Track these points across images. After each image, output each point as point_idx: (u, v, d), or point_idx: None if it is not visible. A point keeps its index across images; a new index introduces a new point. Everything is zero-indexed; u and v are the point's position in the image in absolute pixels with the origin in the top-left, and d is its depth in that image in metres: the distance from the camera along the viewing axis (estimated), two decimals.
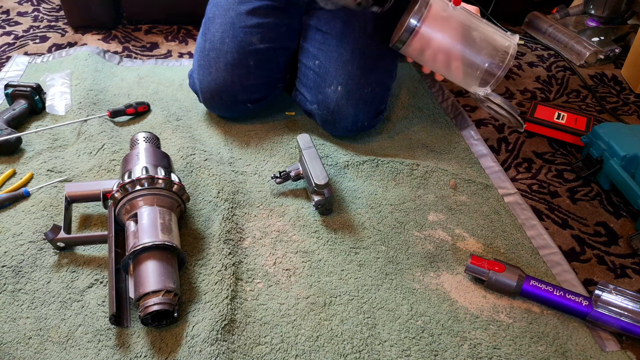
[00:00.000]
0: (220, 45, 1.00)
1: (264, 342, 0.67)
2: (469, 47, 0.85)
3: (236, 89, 1.01)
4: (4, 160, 0.94)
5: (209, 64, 1.01)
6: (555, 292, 0.72)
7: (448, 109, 1.17)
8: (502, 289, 0.74)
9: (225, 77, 1.00)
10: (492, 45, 0.84)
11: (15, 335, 0.66)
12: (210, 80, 1.01)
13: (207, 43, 1.01)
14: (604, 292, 0.70)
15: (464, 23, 0.85)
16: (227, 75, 1.00)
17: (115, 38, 1.43)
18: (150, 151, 0.83)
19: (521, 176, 1.01)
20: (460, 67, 0.86)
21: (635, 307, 0.69)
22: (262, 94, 1.06)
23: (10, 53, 1.33)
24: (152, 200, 0.75)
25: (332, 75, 0.98)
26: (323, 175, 0.83)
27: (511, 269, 0.74)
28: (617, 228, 0.90)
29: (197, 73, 1.03)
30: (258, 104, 1.07)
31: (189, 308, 0.70)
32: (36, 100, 1.05)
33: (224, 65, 1.00)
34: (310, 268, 0.78)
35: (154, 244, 0.69)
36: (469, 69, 0.86)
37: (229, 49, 0.99)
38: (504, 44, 0.84)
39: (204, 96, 1.04)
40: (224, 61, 1.00)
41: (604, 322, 0.69)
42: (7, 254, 0.75)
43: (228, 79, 1.00)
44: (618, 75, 1.36)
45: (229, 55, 1.00)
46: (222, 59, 1.00)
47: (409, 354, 0.67)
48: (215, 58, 1.00)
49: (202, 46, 1.02)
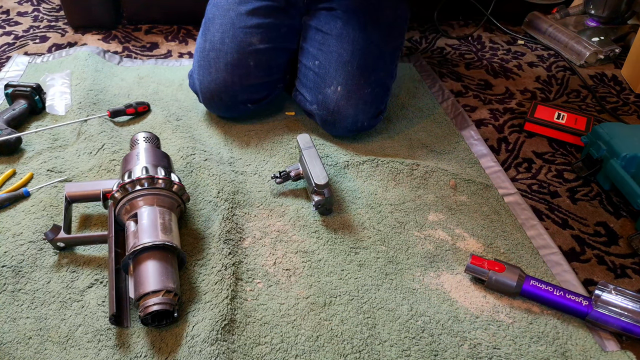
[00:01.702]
0: (220, 45, 1.00)
1: (264, 342, 0.67)
2: None
3: (236, 89, 1.01)
4: (4, 160, 0.94)
5: (208, 64, 1.01)
6: (555, 292, 0.72)
7: (448, 109, 1.17)
8: (502, 289, 0.74)
9: (225, 78, 1.00)
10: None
11: (15, 335, 0.66)
12: (210, 81, 1.01)
13: (207, 43, 1.01)
14: (604, 292, 0.70)
15: None
16: (227, 75, 1.00)
17: (115, 38, 1.43)
18: (150, 151, 0.83)
19: (521, 176, 1.01)
20: None
21: (635, 307, 0.69)
22: (262, 94, 1.06)
23: (10, 53, 1.33)
24: (152, 200, 0.75)
25: (332, 76, 0.98)
26: (323, 175, 0.83)
27: (511, 269, 0.74)
28: (617, 228, 0.90)
29: (197, 73, 1.03)
30: (258, 104, 1.07)
31: (189, 308, 0.70)
32: (36, 100, 1.05)
33: (223, 66, 1.00)
34: (310, 268, 0.78)
35: (154, 244, 0.69)
36: None
37: (229, 49, 0.99)
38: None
39: (204, 96, 1.04)
40: (224, 61, 1.00)
41: (604, 322, 0.69)
42: (7, 254, 0.75)
43: (228, 79, 1.00)
44: (618, 75, 1.36)
45: (229, 56, 1.00)
46: (222, 59, 1.00)
47: (409, 354, 0.67)
48: (215, 58, 1.00)
49: (202, 46, 1.02)
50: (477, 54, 1.44)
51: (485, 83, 1.30)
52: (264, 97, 1.07)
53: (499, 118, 1.17)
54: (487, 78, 1.32)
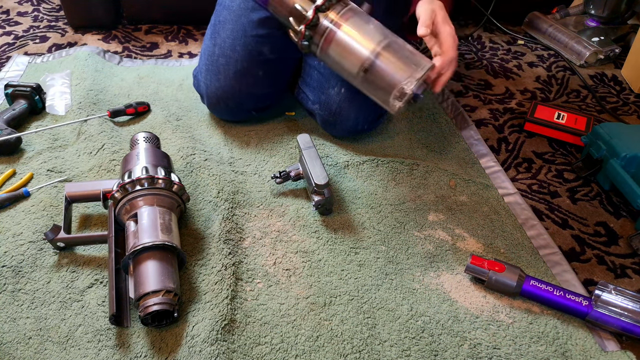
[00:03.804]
0: (231, 52, 0.99)
1: (264, 342, 0.67)
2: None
3: (243, 97, 1.01)
4: (4, 160, 0.94)
5: (217, 70, 1.00)
6: (555, 292, 0.72)
7: (448, 109, 1.17)
8: (502, 289, 0.74)
9: (234, 85, 1.00)
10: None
11: (15, 335, 0.66)
12: (218, 87, 1.00)
13: (217, 48, 1.00)
14: (604, 292, 0.70)
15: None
16: (236, 83, 1.00)
17: (115, 38, 1.43)
18: (150, 151, 0.83)
19: (521, 176, 1.01)
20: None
21: (635, 307, 0.69)
22: (268, 102, 1.06)
23: (10, 53, 1.33)
24: (152, 200, 0.75)
25: (336, 77, 0.98)
26: (323, 175, 0.83)
27: (511, 268, 0.74)
28: (617, 228, 0.90)
29: (203, 77, 1.02)
30: (263, 111, 1.07)
31: (189, 308, 0.70)
32: (36, 100, 1.05)
33: (233, 74, 0.99)
34: (310, 268, 0.78)
35: (154, 244, 0.69)
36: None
37: (240, 57, 0.98)
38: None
39: (209, 101, 1.03)
40: (234, 69, 0.99)
41: (604, 322, 0.69)
42: (7, 254, 0.75)
43: (236, 87, 1.00)
44: (618, 75, 1.36)
45: (239, 64, 0.99)
46: (232, 67, 0.99)
47: (409, 354, 0.67)
48: (224, 65, 0.99)
49: (211, 50, 1.01)
50: (477, 54, 1.44)
51: (485, 83, 1.30)
52: (268, 105, 1.07)
53: (499, 118, 1.17)
54: (487, 78, 1.32)
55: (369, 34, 0.78)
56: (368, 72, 0.78)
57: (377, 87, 0.79)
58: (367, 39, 0.78)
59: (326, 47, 0.80)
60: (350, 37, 0.78)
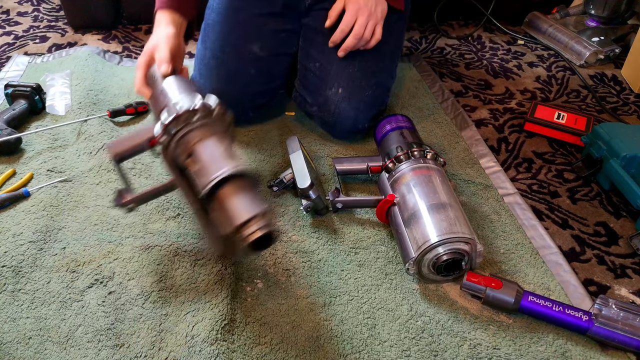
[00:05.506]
0: (221, 54, 0.99)
1: (264, 342, 0.67)
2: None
3: (237, 97, 1.01)
4: (4, 160, 0.94)
5: (209, 73, 1.00)
6: (554, 308, 0.70)
7: (448, 109, 1.17)
8: (500, 306, 0.72)
9: (227, 86, 1.00)
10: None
11: (15, 335, 0.66)
12: (211, 90, 0.99)
13: (208, 51, 1.00)
14: (604, 307, 0.69)
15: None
16: (229, 83, 1.00)
17: (115, 38, 1.43)
18: (174, 83, 0.76)
19: (521, 176, 1.01)
20: None
21: (636, 322, 0.67)
22: (263, 100, 1.06)
23: (10, 53, 1.33)
24: (204, 132, 0.68)
25: (332, 78, 0.98)
26: (306, 178, 0.82)
27: (508, 284, 0.72)
28: (617, 228, 0.90)
29: (198, 80, 1.02)
30: (259, 110, 1.07)
31: (189, 308, 0.70)
32: (36, 100, 1.05)
33: (225, 74, 0.99)
34: (310, 268, 0.78)
35: (230, 174, 0.63)
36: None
37: (230, 57, 0.99)
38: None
39: None
40: (225, 70, 0.99)
41: (605, 337, 0.68)
42: (7, 254, 0.75)
43: (229, 88, 1.00)
44: (618, 75, 1.36)
45: (229, 64, 0.99)
46: (223, 67, 0.99)
47: (409, 354, 0.67)
48: (216, 67, 0.99)
49: (203, 54, 1.01)
50: (477, 54, 1.44)
51: (485, 83, 1.30)
52: (265, 103, 1.07)
53: (499, 118, 1.17)
54: (487, 78, 1.32)
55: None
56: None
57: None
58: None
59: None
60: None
